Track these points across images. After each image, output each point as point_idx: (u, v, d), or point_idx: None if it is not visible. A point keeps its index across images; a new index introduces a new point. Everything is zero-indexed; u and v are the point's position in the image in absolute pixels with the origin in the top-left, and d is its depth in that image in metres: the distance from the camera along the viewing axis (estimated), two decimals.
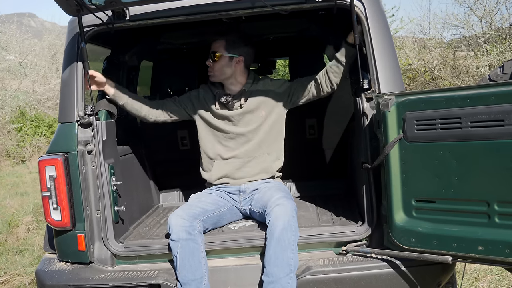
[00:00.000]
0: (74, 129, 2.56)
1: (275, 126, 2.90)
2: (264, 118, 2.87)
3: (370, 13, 2.51)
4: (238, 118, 2.86)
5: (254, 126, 2.87)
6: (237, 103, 2.86)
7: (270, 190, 2.73)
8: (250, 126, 2.87)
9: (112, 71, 3.27)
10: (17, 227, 6.00)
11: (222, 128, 2.89)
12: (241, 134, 2.87)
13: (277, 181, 2.96)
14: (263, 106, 2.87)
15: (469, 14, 12.43)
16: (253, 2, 2.48)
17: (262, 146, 2.88)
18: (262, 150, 2.89)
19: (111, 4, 2.40)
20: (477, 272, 3.71)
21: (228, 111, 2.88)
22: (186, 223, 2.46)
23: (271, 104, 2.88)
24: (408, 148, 2.22)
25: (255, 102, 2.87)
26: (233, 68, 2.87)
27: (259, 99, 2.87)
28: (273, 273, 2.31)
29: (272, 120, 2.88)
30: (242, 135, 2.87)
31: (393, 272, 2.32)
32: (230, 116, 2.87)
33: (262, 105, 2.87)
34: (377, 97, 2.35)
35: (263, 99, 2.87)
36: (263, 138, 2.88)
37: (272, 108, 2.89)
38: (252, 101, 2.87)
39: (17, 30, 16.94)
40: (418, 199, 2.24)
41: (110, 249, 2.58)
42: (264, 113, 2.87)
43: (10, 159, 12.13)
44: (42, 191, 2.51)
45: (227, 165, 2.89)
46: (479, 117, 1.99)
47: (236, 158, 2.89)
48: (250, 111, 2.86)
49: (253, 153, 2.88)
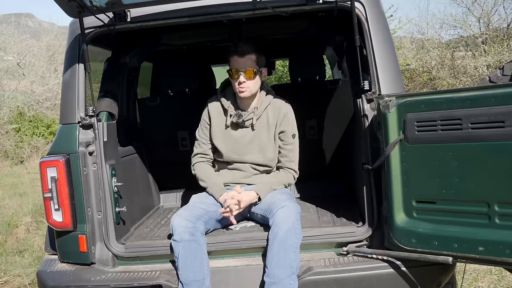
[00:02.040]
0: (76, 131, 2.56)
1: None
2: (271, 149, 2.86)
3: (371, 14, 2.52)
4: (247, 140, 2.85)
5: (261, 157, 2.86)
6: (248, 122, 2.83)
7: (274, 193, 2.74)
8: (256, 154, 2.85)
9: (113, 72, 3.28)
10: (16, 227, 6.00)
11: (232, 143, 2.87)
12: (248, 163, 2.87)
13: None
14: (269, 130, 2.85)
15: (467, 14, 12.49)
16: (254, 4, 2.49)
17: (268, 166, 2.90)
18: (268, 168, 2.91)
19: (112, 6, 2.41)
20: (477, 272, 3.73)
21: (240, 128, 2.84)
22: (189, 224, 2.47)
23: (273, 133, 2.86)
24: (408, 149, 2.24)
25: (264, 123, 2.85)
26: (261, 81, 2.81)
27: (266, 125, 2.85)
28: (275, 274, 2.32)
29: (276, 144, 2.88)
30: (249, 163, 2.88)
31: (393, 273, 2.33)
32: (240, 136, 2.84)
33: (270, 128, 2.85)
34: (378, 99, 2.36)
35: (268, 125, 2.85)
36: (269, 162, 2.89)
37: (275, 134, 2.87)
38: (262, 121, 2.84)
39: (15, 31, 16.91)
40: (418, 200, 2.25)
41: (111, 250, 2.58)
42: (271, 146, 2.86)
43: (8, 160, 12.11)
44: (44, 192, 2.52)
45: (232, 174, 2.91)
46: (479, 118, 2.01)
47: (240, 171, 2.90)
48: (259, 136, 2.83)
49: (258, 171, 2.90)
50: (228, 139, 2.85)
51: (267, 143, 2.84)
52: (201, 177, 2.85)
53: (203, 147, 2.92)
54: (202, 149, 2.92)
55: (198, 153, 2.93)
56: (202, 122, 2.93)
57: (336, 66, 4.68)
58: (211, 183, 2.81)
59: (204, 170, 2.88)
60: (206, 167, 2.90)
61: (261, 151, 2.84)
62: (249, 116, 2.81)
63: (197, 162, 2.91)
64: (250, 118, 2.81)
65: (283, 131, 2.85)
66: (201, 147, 2.92)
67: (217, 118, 2.87)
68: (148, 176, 3.52)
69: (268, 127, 2.84)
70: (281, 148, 2.88)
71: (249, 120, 2.82)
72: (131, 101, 3.66)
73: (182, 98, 3.71)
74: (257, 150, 2.84)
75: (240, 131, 2.85)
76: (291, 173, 2.88)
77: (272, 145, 2.85)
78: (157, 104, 3.68)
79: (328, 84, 3.64)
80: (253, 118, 2.81)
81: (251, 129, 2.84)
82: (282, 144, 2.87)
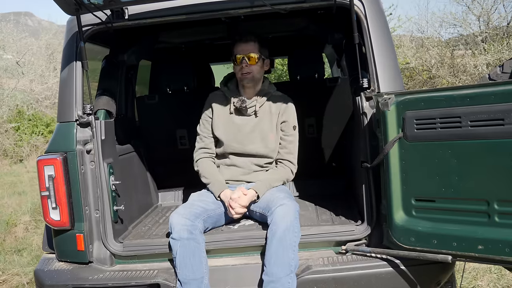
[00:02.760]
0: (73, 129, 2.55)
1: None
2: (272, 139, 2.86)
3: (370, 12, 2.51)
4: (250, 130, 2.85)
5: (263, 146, 2.85)
6: (251, 109, 2.84)
7: (272, 191, 2.74)
8: (258, 143, 2.85)
9: (111, 70, 3.26)
10: (15, 226, 5.99)
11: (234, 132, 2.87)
12: (249, 154, 2.87)
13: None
14: (272, 119, 2.86)
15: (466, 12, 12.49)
16: (253, 1, 2.48)
17: (268, 157, 2.89)
18: (268, 160, 2.90)
19: (110, 4, 2.39)
20: (476, 270, 3.72)
21: (242, 116, 2.86)
22: (188, 222, 2.46)
23: (275, 122, 2.87)
24: (407, 147, 2.22)
25: (266, 112, 2.86)
26: (263, 70, 2.86)
27: (269, 114, 2.86)
28: (273, 273, 2.31)
29: (277, 134, 2.88)
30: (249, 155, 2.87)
31: (392, 271, 2.33)
32: (243, 124, 2.85)
33: (273, 117, 2.86)
34: (377, 96, 2.35)
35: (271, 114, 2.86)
36: (270, 152, 2.88)
37: (276, 125, 2.88)
38: (264, 109, 2.86)
39: (14, 29, 16.88)
40: (417, 198, 2.24)
41: (109, 248, 2.57)
42: (272, 135, 2.86)
43: (7, 158, 12.11)
44: (41, 190, 2.50)
45: (230, 172, 2.90)
46: (479, 116, 1.99)
47: (238, 167, 2.89)
48: (261, 125, 2.84)
49: (258, 165, 2.90)
50: (230, 128, 2.85)
51: (269, 132, 2.84)
52: (204, 173, 2.85)
53: (205, 141, 2.91)
54: (204, 143, 2.91)
55: (200, 148, 2.92)
56: (203, 116, 2.93)
57: (335, 64, 4.67)
58: (213, 180, 2.81)
59: (207, 166, 2.87)
60: (208, 164, 2.89)
61: (263, 140, 2.84)
62: (252, 103, 2.82)
63: (200, 158, 2.91)
64: (253, 105, 2.82)
65: (285, 121, 2.86)
66: (203, 141, 2.91)
67: (220, 109, 2.88)
68: (147, 174, 3.51)
69: (271, 116, 2.85)
70: (281, 140, 2.89)
71: (252, 107, 2.82)
72: (129, 99, 3.65)
73: (180, 96, 3.70)
74: (259, 139, 2.84)
75: (242, 119, 2.85)
76: (290, 166, 2.88)
77: (274, 135, 2.85)
78: (155, 102, 3.67)
79: (327, 82, 3.63)
80: (256, 105, 2.82)
81: (254, 116, 2.85)
82: (282, 135, 2.88)
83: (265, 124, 2.85)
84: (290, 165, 2.88)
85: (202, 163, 2.88)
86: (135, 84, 3.84)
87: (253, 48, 2.78)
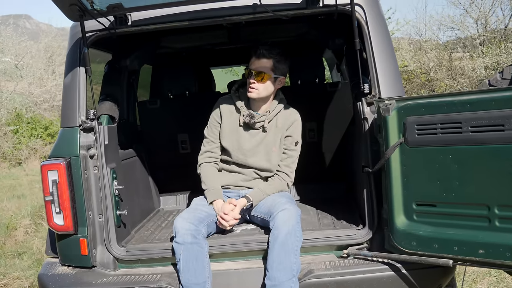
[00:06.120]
0: (77, 134, 2.57)
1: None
2: (275, 152, 2.87)
3: (370, 18, 2.53)
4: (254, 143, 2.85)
5: (265, 160, 2.86)
6: (260, 123, 2.83)
7: (274, 196, 2.76)
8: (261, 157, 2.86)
9: (113, 75, 3.28)
10: (15, 230, 5.98)
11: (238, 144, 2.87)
12: (251, 167, 2.88)
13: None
14: (277, 134, 2.86)
15: (464, 16, 12.53)
16: (255, 8, 2.49)
17: (270, 171, 2.90)
18: (269, 173, 2.92)
19: (113, 10, 2.41)
20: (476, 274, 3.74)
21: (250, 130, 2.85)
22: (192, 226, 2.47)
23: (279, 136, 2.87)
24: (408, 152, 2.25)
25: (273, 127, 2.86)
26: (274, 88, 2.82)
27: (275, 128, 2.86)
28: (275, 277, 2.33)
29: (280, 149, 2.89)
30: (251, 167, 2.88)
31: (394, 275, 2.34)
32: (249, 138, 2.85)
33: (278, 132, 2.86)
34: (378, 102, 2.37)
35: (277, 129, 2.86)
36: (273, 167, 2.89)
37: (280, 139, 2.88)
38: (272, 125, 2.85)
39: (13, 32, 16.88)
40: (419, 203, 2.26)
41: (112, 253, 2.59)
42: (275, 149, 2.86)
43: (6, 162, 12.10)
44: (45, 195, 2.52)
45: (233, 177, 2.92)
46: (479, 122, 2.02)
47: (240, 174, 2.91)
48: (267, 139, 2.84)
49: (259, 175, 2.91)
50: (237, 140, 2.86)
51: (273, 147, 2.85)
52: (203, 178, 2.86)
53: (211, 145, 2.91)
54: (210, 146, 2.91)
55: (206, 151, 2.92)
56: (211, 120, 2.93)
57: (335, 68, 4.69)
58: (210, 187, 2.81)
59: (208, 172, 2.88)
60: (210, 169, 2.90)
61: (267, 154, 2.85)
62: (261, 119, 2.82)
63: (204, 163, 2.91)
64: (262, 120, 2.82)
65: (289, 135, 2.87)
66: (210, 145, 2.92)
67: (229, 117, 2.88)
68: (148, 178, 3.53)
69: (277, 130, 2.85)
70: (282, 152, 2.89)
71: (260, 122, 2.83)
72: (131, 104, 3.67)
73: (182, 101, 3.72)
74: (263, 153, 2.85)
75: (250, 132, 2.86)
76: (286, 180, 2.88)
77: (276, 148, 2.86)
78: (157, 107, 3.68)
79: (328, 87, 3.65)
80: (265, 121, 2.82)
81: (261, 131, 2.85)
82: (284, 148, 2.89)
83: (270, 139, 2.85)
84: (286, 178, 2.89)
85: (204, 168, 2.89)
86: (137, 89, 3.86)
87: (265, 65, 2.72)
